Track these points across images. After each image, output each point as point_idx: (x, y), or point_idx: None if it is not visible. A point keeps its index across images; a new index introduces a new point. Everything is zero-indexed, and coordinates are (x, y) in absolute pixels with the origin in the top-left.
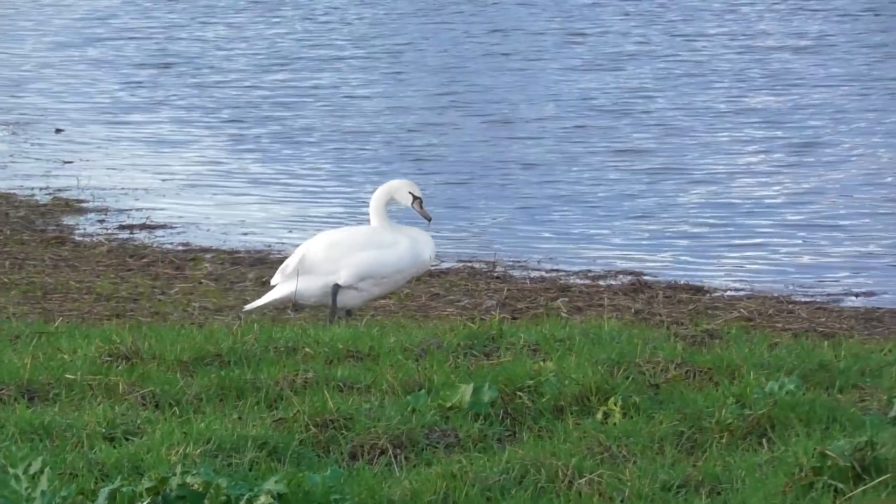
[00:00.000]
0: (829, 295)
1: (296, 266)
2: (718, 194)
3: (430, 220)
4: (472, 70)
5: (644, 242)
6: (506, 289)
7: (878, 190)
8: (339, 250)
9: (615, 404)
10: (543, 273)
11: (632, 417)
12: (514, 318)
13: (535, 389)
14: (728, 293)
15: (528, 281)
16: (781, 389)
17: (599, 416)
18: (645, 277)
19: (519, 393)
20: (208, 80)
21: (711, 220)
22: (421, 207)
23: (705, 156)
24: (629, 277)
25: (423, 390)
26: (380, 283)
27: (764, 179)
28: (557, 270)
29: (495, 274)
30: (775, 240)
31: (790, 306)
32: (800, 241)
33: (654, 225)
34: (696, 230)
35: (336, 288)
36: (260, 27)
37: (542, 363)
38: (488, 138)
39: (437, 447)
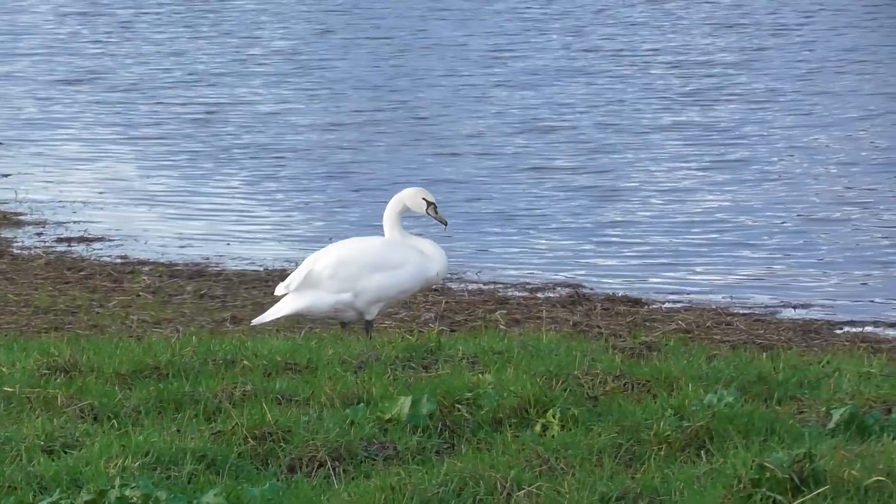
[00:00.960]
0: (766, 307)
1: (301, 281)
2: (655, 209)
3: (446, 224)
4: (398, 87)
5: (582, 255)
6: (444, 301)
7: (812, 204)
8: (347, 269)
9: (554, 416)
10: (482, 285)
11: (570, 430)
12: (453, 331)
13: (473, 402)
14: (666, 305)
15: (466, 293)
16: (720, 401)
17: (538, 428)
18: (583, 290)
19: (457, 405)
20: (141, 95)
21: (649, 234)
22: (436, 213)
23: (639, 171)
24: (567, 290)
25: (361, 403)
26: (389, 302)
27: (700, 194)
28: (495, 283)
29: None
30: (713, 252)
31: (728, 318)
32: (737, 254)
33: (592, 238)
34: (633, 243)
35: (370, 324)
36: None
37: (480, 375)
38: (417, 154)
39: (375, 460)
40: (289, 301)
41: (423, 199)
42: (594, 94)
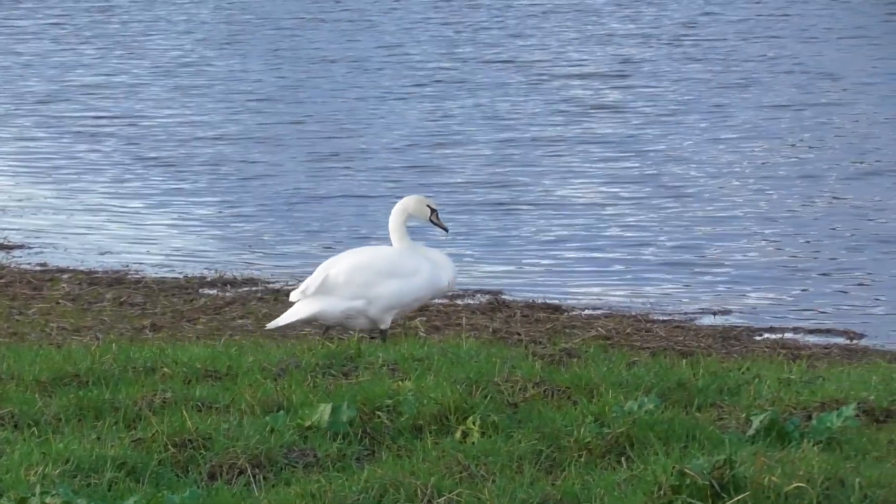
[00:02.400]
0: (686, 313)
1: (318, 287)
2: (575, 217)
3: (447, 231)
4: (297, 99)
5: (501, 262)
6: None
7: (729, 212)
8: (362, 276)
9: (474, 423)
10: None
11: (490, 436)
12: (373, 338)
13: (393, 409)
14: (586, 312)
15: None
16: (640, 408)
17: (458, 435)
18: (503, 296)
19: (378, 412)
20: (56, 103)
21: (568, 241)
22: (437, 219)
23: (556, 180)
24: (487, 297)
25: (281, 410)
26: (401, 310)
27: (617, 201)
28: None
29: None
30: (632, 259)
31: (648, 325)
32: (656, 261)
33: (511, 245)
34: (553, 250)
35: (384, 334)
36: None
37: (400, 382)
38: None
39: (295, 467)
40: (302, 306)
41: (427, 205)
42: (487, 105)
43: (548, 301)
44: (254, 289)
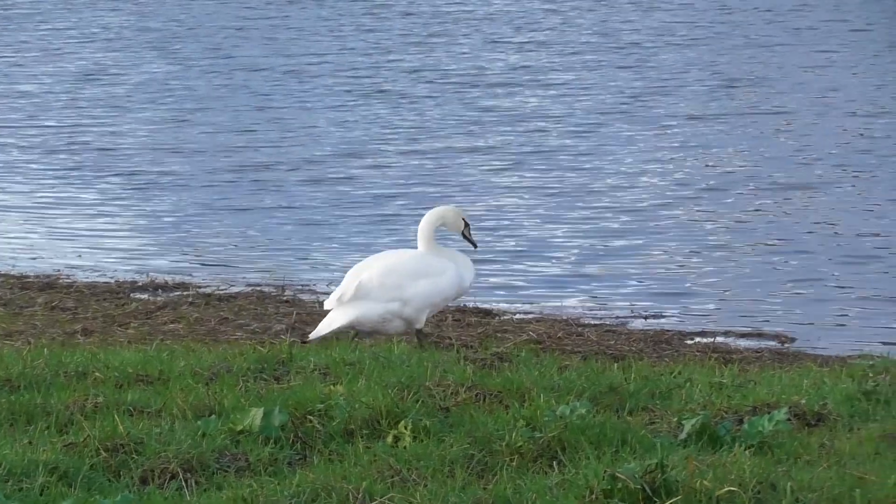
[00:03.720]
0: (617, 317)
1: (353, 293)
2: (505, 224)
3: (476, 246)
4: (221, 107)
5: None
6: (295, 313)
7: (654, 217)
8: (394, 278)
9: (405, 427)
10: None
11: (422, 440)
12: (304, 342)
13: (325, 413)
14: (517, 316)
15: (317, 305)
16: (572, 412)
17: (390, 439)
18: None
19: (309, 416)
20: None
21: (499, 245)
22: (469, 233)
23: (482, 188)
24: None
25: (213, 414)
26: (431, 310)
27: (546, 208)
28: None
29: (284, 298)
30: (563, 264)
31: (579, 329)
32: (587, 266)
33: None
34: (484, 254)
35: (420, 333)
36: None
37: (332, 387)
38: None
39: (227, 471)
40: (339, 313)
41: (463, 218)
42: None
43: (479, 305)
44: (185, 293)
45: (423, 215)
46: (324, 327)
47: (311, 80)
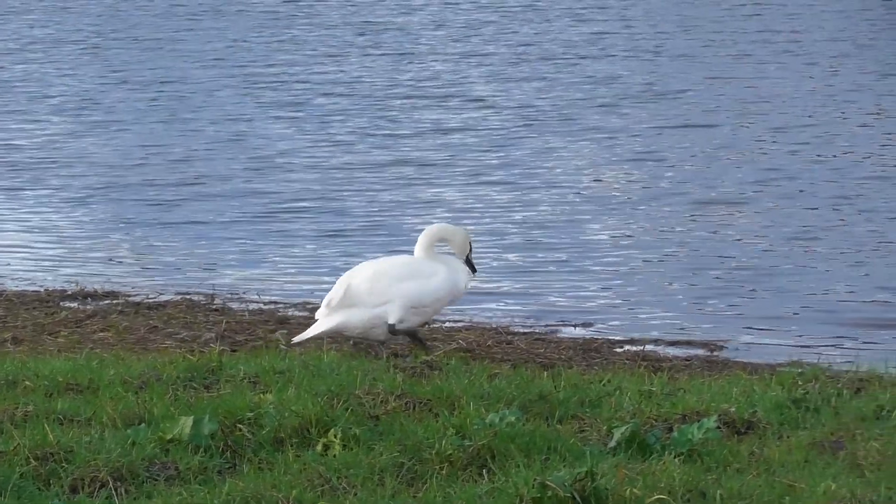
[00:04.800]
0: (547, 325)
1: (342, 298)
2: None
3: (475, 271)
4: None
5: None
6: (225, 321)
7: (586, 223)
8: (383, 282)
9: (335, 436)
10: (262, 305)
11: (352, 449)
12: (234, 351)
13: (255, 421)
14: (447, 324)
15: (246, 313)
16: (502, 420)
17: (319, 447)
18: None
19: (239, 425)
20: None
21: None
22: (471, 258)
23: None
24: None
25: (143, 423)
26: (420, 312)
27: (474, 215)
28: (276, 302)
29: (214, 306)
30: (492, 272)
31: (509, 337)
32: (517, 273)
33: (372, 254)
34: None
35: (392, 328)
36: None
37: (261, 395)
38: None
39: (157, 480)
40: (326, 319)
41: (469, 243)
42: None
43: None
44: (114, 302)
45: (349, 228)
46: (309, 332)
47: (226, 93)
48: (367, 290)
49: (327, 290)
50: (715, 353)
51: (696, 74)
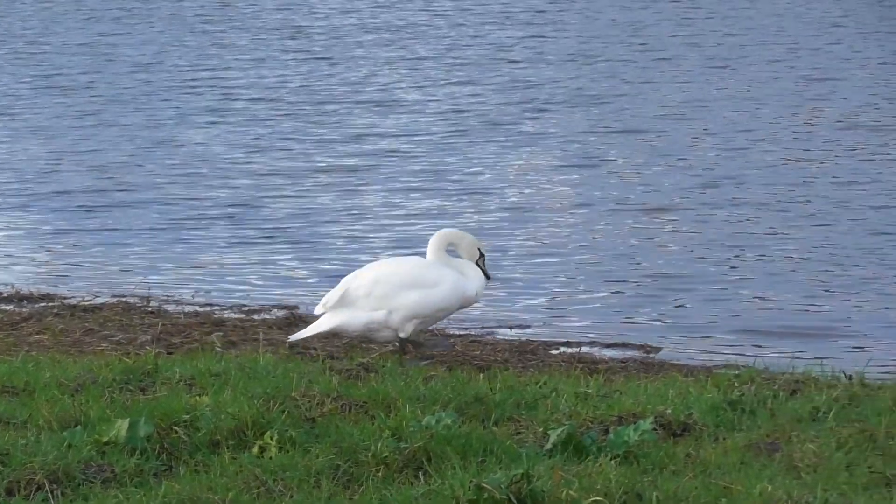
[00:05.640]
0: (483, 327)
1: (338, 300)
2: (368, 232)
3: (489, 278)
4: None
5: (297, 277)
6: (160, 324)
7: (521, 227)
8: (383, 288)
9: (271, 438)
10: (198, 308)
11: (288, 451)
12: (170, 353)
13: (191, 424)
14: None
15: (182, 315)
16: (438, 423)
17: (255, 450)
18: (299, 312)
19: (175, 427)
20: None
21: (364, 255)
22: (483, 264)
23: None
24: (283, 312)
25: (79, 425)
26: (424, 321)
27: (413, 218)
28: (211, 305)
29: (149, 309)
30: None
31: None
32: None
33: (307, 260)
34: (348, 264)
35: (404, 342)
36: None
37: (197, 398)
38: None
39: (93, 482)
40: (325, 319)
41: (479, 248)
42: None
43: None
44: (50, 304)
45: (279, 233)
46: (306, 331)
47: (154, 98)
48: (366, 294)
49: (259, 293)
50: (651, 356)
51: (627, 79)
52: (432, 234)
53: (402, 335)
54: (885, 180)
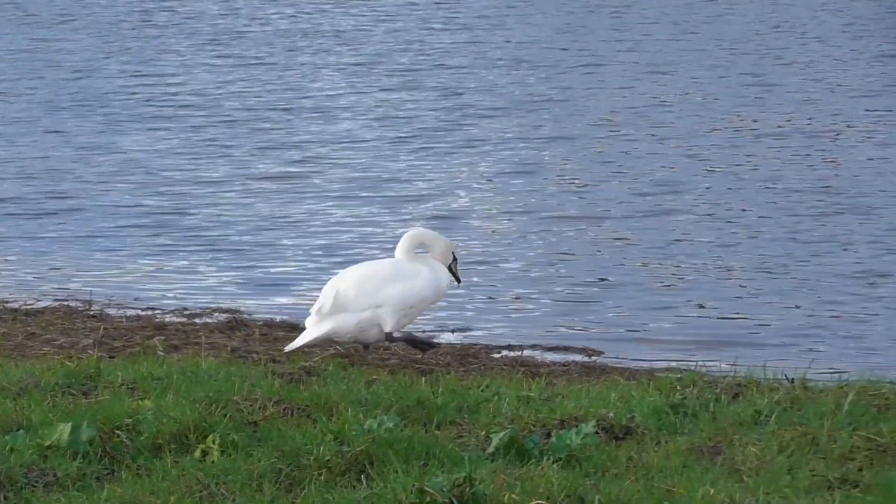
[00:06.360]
0: (424, 331)
1: (332, 305)
2: (305, 236)
3: (459, 282)
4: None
5: (238, 282)
6: (102, 327)
7: (463, 230)
8: (370, 285)
9: (213, 442)
10: (140, 311)
11: (230, 455)
12: (112, 357)
13: (133, 428)
14: None
15: (124, 319)
16: (380, 426)
17: (198, 453)
18: (241, 315)
19: (117, 431)
20: None
21: (300, 260)
22: (455, 268)
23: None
24: (225, 315)
25: (21, 429)
26: (408, 314)
27: (353, 224)
28: (153, 309)
29: (91, 313)
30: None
31: (387, 342)
32: None
33: (249, 264)
34: (289, 269)
35: (389, 336)
36: None
37: (140, 401)
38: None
39: (35, 486)
40: (317, 326)
41: (452, 252)
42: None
43: (286, 320)
44: None
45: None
46: (300, 339)
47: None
48: (356, 295)
49: (200, 298)
50: (593, 359)
51: (565, 85)
52: (378, 240)
53: (386, 329)
54: (823, 186)
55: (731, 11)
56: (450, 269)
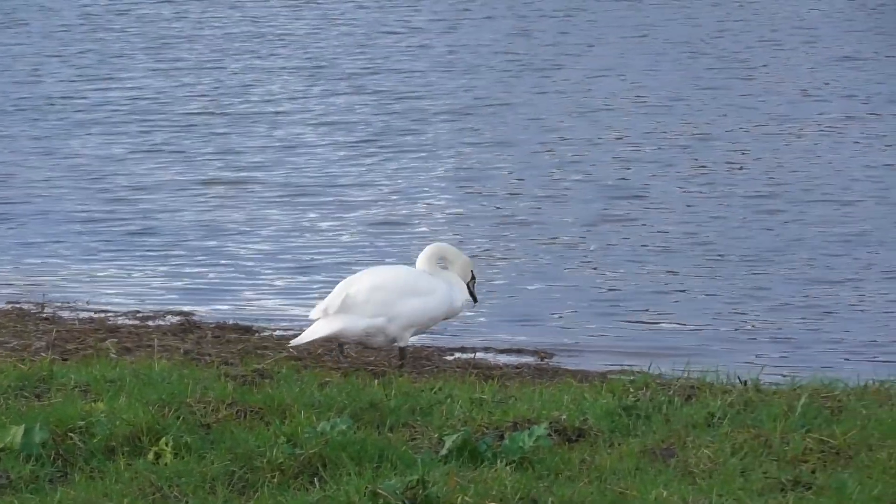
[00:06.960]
0: None
1: (339, 306)
2: (265, 240)
3: (476, 301)
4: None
5: (191, 283)
6: (55, 330)
7: (411, 233)
8: (382, 294)
9: (166, 444)
10: (92, 314)
11: (183, 457)
12: (65, 360)
13: (86, 430)
14: (277, 333)
15: (77, 322)
16: (333, 429)
17: (151, 456)
18: (194, 318)
19: (70, 434)
20: None
21: (259, 262)
22: (473, 287)
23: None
24: (178, 318)
25: None
26: (419, 329)
27: (305, 228)
28: (106, 311)
29: (44, 315)
30: (322, 281)
31: (338, 345)
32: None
33: (202, 266)
34: (241, 271)
35: (403, 352)
36: None
37: (93, 404)
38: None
39: None
40: (324, 324)
41: (471, 270)
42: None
43: (239, 322)
44: None
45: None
46: (307, 335)
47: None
48: (365, 300)
49: (152, 300)
50: (545, 361)
51: (512, 90)
52: (324, 244)
53: (401, 344)
54: (773, 192)
55: (684, 14)
56: (468, 287)
